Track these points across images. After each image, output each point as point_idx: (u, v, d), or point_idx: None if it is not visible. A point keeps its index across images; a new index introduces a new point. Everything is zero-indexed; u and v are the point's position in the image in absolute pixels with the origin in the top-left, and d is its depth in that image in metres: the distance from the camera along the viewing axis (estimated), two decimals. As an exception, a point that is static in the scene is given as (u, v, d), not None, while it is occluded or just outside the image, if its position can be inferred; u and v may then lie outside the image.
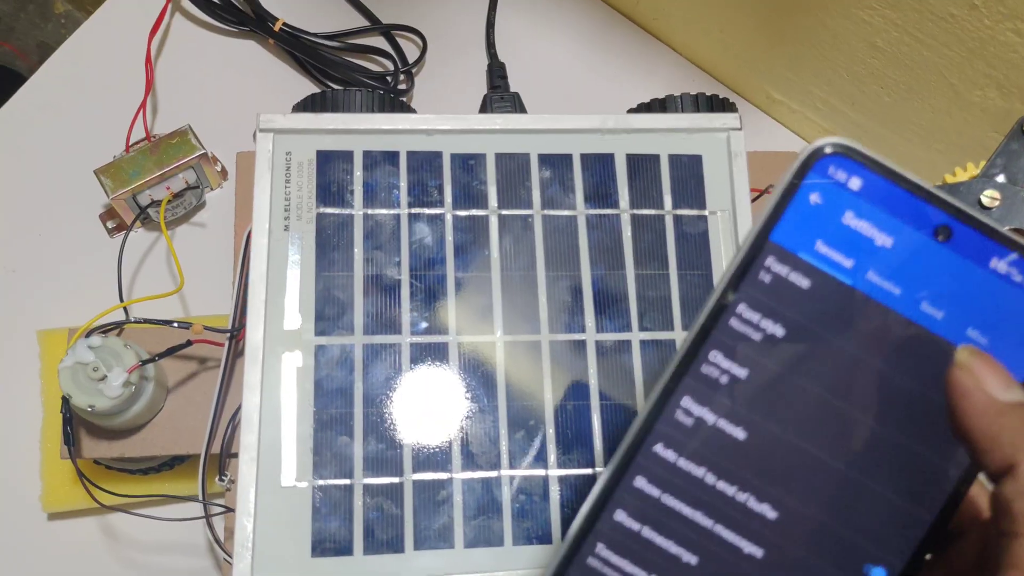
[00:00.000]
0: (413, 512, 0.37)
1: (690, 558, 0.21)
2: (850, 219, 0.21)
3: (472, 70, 0.58)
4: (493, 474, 0.38)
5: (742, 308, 0.21)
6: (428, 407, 0.38)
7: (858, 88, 0.53)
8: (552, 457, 0.38)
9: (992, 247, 0.21)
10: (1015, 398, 0.20)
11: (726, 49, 0.57)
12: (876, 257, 0.21)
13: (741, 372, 0.21)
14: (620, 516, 0.21)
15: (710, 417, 0.21)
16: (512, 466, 0.38)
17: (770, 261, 0.21)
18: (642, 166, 0.42)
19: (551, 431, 0.38)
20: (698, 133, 0.43)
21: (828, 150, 0.21)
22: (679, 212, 0.42)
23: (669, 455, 0.21)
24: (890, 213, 0.21)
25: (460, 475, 0.37)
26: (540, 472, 0.38)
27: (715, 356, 0.21)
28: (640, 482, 0.21)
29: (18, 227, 0.53)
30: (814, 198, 0.21)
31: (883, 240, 0.21)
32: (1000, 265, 0.21)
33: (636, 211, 0.41)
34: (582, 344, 0.40)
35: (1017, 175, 0.38)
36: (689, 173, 0.42)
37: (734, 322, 0.21)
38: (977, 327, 0.21)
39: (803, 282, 0.21)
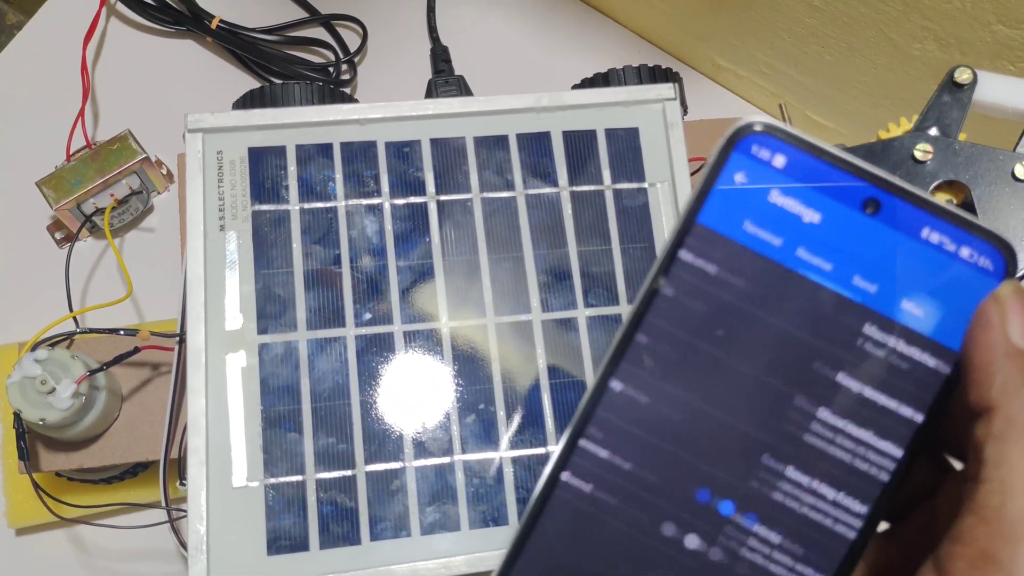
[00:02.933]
0: (368, 503, 0.37)
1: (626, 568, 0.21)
2: (776, 197, 0.21)
3: (416, 56, 0.58)
4: (446, 460, 0.38)
5: (674, 292, 0.21)
6: (377, 398, 0.38)
7: (800, 49, 0.53)
8: (504, 439, 0.38)
9: (923, 217, 0.21)
10: None
11: (669, 19, 0.57)
12: (805, 234, 0.21)
13: (678, 357, 0.21)
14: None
15: (647, 402, 0.21)
16: (464, 451, 0.38)
17: (699, 244, 0.21)
18: (579, 142, 0.42)
19: (502, 413, 0.38)
20: (634, 106, 0.42)
21: (750, 130, 0.21)
22: (618, 186, 0.41)
23: (601, 450, 0.21)
24: (816, 189, 0.21)
25: (413, 463, 0.37)
26: (493, 455, 0.38)
27: (651, 342, 0.21)
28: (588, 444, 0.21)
29: (-35, 244, 0.52)
30: (739, 178, 0.21)
31: (811, 216, 0.21)
32: (932, 235, 0.21)
33: (575, 188, 0.41)
34: (529, 324, 0.40)
35: (950, 127, 0.38)
36: (626, 146, 0.42)
37: (667, 307, 0.21)
38: (911, 298, 0.21)
39: (733, 263, 0.21)
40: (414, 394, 0.38)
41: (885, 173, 0.21)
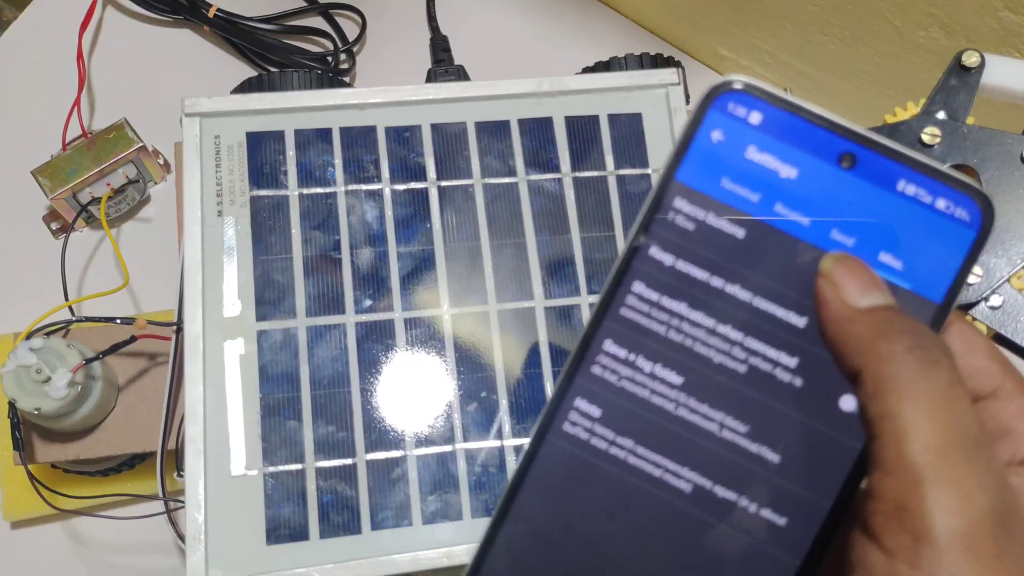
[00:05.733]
0: (368, 492, 0.36)
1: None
2: (753, 153, 0.21)
3: (415, 45, 0.57)
4: (447, 448, 0.37)
5: (654, 250, 0.21)
6: (377, 385, 0.38)
7: (803, 38, 0.52)
8: (506, 427, 0.38)
9: (899, 170, 0.21)
10: (870, 303, 0.20)
11: (670, 8, 0.56)
12: (782, 189, 0.21)
13: (659, 313, 0.21)
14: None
15: (632, 357, 0.21)
16: (466, 439, 0.37)
17: (678, 202, 0.21)
18: (582, 128, 0.41)
19: (504, 401, 0.38)
20: (637, 91, 0.42)
21: (726, 87, 0.21)
22: (621, 172, 0.41)
23: (594, 410, 0.21)
24: (793, 145, 0.21)
25: (414, 452, 0.37)
26: (495, 443, 0.37)
27: (631, 299, 0.21)
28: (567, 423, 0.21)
29: (-40, 234, 0.52)
30: (716, 136, 0.21)
31: (788, 172, 0.21)
32: (908, 187, 0.21)
33: (578, 174, 0.41)
34: (531, 311, 0.39)
35: (957, 110, 0.37)
36: (630, 132, 0.41)
37: (648, 264, 0.21)
38: (889, 251, 0.21)
39: (712, 219, 0.21)
40: (415, 382, 0.38)
41: (860, 128, 0.21)
